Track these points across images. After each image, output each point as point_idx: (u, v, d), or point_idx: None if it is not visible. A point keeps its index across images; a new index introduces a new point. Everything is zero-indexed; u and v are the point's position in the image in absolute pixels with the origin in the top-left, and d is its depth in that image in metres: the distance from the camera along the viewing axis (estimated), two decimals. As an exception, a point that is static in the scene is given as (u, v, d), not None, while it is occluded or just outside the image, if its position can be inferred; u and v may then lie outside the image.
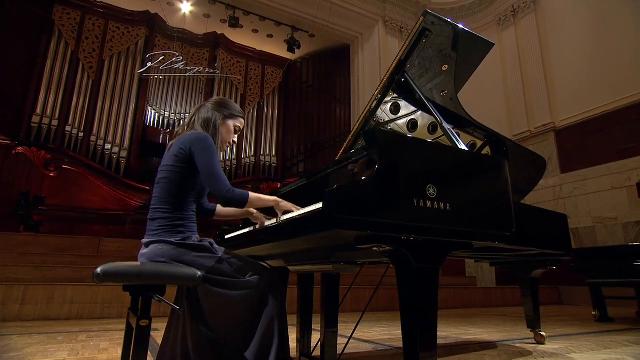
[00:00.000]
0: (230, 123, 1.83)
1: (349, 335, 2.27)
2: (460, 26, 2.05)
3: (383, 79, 2.19)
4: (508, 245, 1.90)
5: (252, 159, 10.92)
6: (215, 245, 1.61)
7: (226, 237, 2.19)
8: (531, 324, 2.94)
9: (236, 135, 1.88)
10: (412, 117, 2.58)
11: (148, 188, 8.80)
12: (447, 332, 3.50)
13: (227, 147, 1.84)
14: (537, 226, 2.38)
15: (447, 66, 2.18)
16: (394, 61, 2.11)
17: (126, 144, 9.33)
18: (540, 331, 2.91)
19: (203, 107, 1.82)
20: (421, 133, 2.60)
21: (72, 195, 8.27)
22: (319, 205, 1.31)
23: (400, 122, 2.63)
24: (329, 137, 11.07)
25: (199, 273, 1.43)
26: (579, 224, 7.13)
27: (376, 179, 1.25)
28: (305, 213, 1.39)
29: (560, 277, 7.07)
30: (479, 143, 2.59)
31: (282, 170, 11.41)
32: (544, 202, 7.43)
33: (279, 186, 10.84)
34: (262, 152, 11.12)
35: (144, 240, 1.58)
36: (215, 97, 1.89)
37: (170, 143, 1.72)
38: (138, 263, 1.43)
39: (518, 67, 8.92)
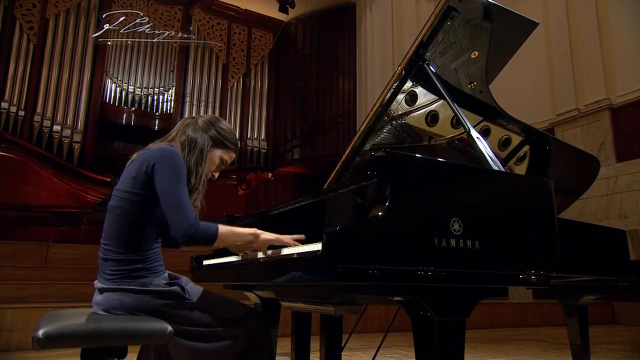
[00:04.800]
0: (217, 153, 1.78)
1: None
2: (495, 3, 2.01)
3: (398, 68, 2.16)
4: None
5: (237, 143, 10.90)
6: (189, 286, 1.59)
7: (204, 263, 2.19)
8: (578, 360, 2.94)
9: (217, 173, 1.83)
10: (432, 107, 2.55)
11: (109, 180, 8.78)
12: (475, 368, 3.53)
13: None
14: (589, 249, 2.37)
15: (477, 52, 2.16)
16: (411, 47, 2.09)
17: (80, 126, 9.30)
18: (590, 370, 2.91)
19: (193, 122, 1.75)
20: (443, 127, 2.58)
21: (13, 190, 8.27)
22: (317, 246, 1.29)
23: (416, 114, 2.61)
24: (330, 116, 11.04)
25: (169, 328, 1.41)
26: (640, 226, 7.11)
27: (388, 215, 1.22)
28: (298, 256, 1.37)
29: (615, 291, 7.08)
30: (515, 139, 2.58)
31: (273, 157, 11.40)
32: (594, 198, 7.41)
33: (269, 176, 10.86)
34: (248, 136, 11.11)
35: (97, 285, 1.55)
36: (209, 115, 1.83)
37: (132, 158, 1.65)
38: (89, 316, 1.40)
39: (566, 29, 8.77)
